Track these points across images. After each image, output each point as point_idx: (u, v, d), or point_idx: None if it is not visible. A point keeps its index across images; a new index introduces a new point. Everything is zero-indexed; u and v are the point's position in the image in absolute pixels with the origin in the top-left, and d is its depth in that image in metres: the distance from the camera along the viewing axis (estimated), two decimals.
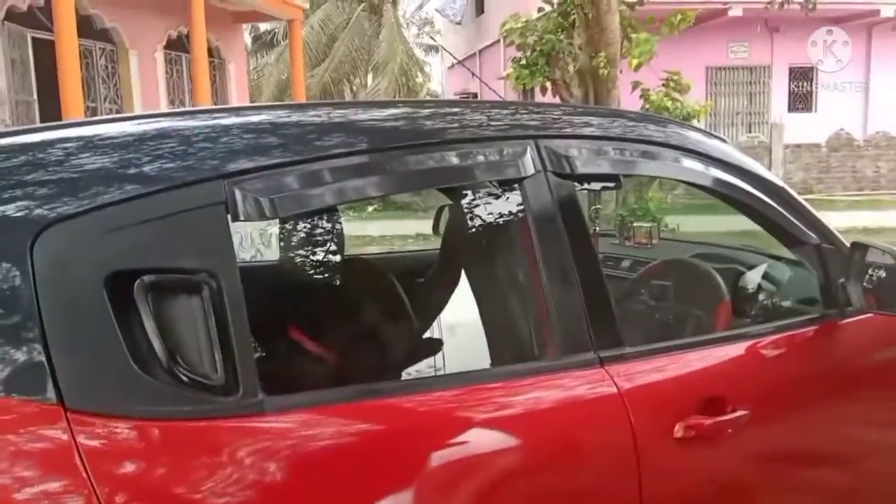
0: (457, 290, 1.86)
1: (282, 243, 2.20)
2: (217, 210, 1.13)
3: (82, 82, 7.46)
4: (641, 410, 1.36)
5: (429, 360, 1.76)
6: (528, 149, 1.43)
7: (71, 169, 1.10)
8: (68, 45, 6.82)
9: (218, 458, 1.04)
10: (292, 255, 2.13)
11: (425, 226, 2.60)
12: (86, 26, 8.21)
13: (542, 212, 1.41)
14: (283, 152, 1.22)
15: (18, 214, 1.04)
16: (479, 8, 19.65)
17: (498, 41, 16.01)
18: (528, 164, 1.42)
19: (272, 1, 10.83)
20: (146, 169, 1.12)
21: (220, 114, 1.33)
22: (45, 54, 7.48)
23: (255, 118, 1.32)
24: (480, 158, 1.40)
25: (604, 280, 1.48)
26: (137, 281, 1.05)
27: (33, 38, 7.84)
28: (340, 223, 2.09)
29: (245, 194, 1.14)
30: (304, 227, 2.09)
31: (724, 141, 1.82)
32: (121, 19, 8.97)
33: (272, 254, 2.40)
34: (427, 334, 1.97)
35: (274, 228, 2.30)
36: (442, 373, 1.69)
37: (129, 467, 0.99)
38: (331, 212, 2.00)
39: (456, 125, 1.45)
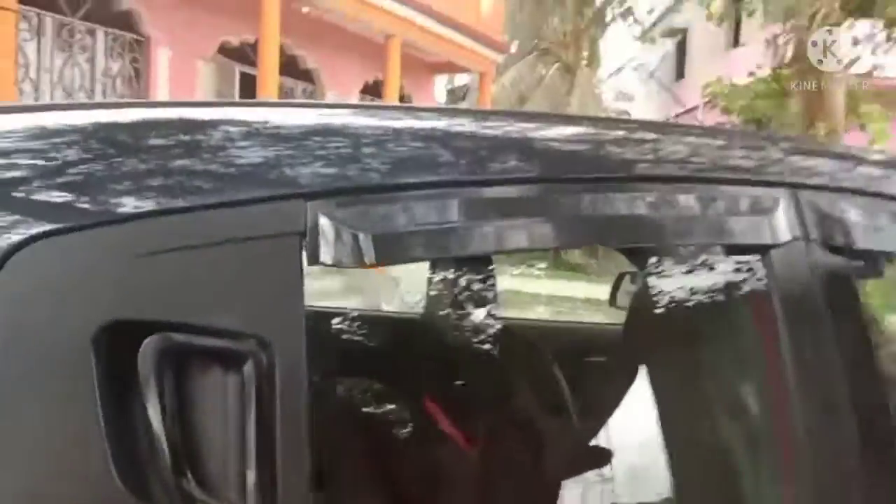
0: (636, 394, 1.35)
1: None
2: (290, 242, 0.73)
3: None
4: None
5: (583, 489, 1.26)
6: (782, 202, 0.92)
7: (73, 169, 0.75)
8: (270, 81, 7.15)
9: None
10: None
11: (598, 290, 2.10)
12: (290, 66, 8.60)
13: (799, 302, 0.89)
14: (396, 170, 0.80)
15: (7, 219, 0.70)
16: (679, 72, 18.99)
17: (696, 107, 15.20)
18: (782, 225, 0.90)
19: (466, 53, 10.90)
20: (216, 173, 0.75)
21: (301, 109, 0.94)
22: (250, 88, 7.88)
23: (362, 121, 0.91)
24: (702, 208, 0.90)
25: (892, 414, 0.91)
26: (147, 340, 0.67)
27: (241, 73, 8.32)
28: (494, 276, 1.62)
29: (333, 223, 0.74)
30: (447, 279, 1.67)
31: None
32: (323, 62, 9.36)
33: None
34: (586, 439, 1.47)
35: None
36: None
37: None
38: (472, 264, 1.52)
39: (671, 156, 0.96)
